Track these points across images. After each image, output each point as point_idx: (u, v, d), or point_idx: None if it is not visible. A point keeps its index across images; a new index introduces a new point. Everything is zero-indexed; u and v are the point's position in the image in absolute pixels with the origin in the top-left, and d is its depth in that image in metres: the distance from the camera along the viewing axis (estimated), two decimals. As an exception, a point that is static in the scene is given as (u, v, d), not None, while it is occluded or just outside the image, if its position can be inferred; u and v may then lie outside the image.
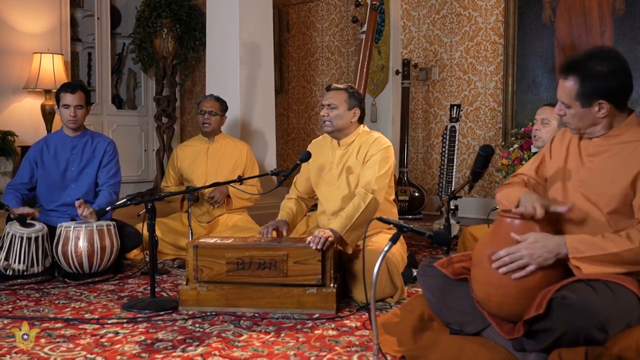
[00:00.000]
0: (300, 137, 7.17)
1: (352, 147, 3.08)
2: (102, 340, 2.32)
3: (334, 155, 3.13)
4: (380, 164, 2.96)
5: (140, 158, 7.20)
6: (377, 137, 3.07)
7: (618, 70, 1.93)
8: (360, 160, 3.03)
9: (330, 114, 3.03)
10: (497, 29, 5.59)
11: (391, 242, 1.84)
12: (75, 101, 3.52)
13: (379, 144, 3.02)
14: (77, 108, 3.53)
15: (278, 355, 2.15)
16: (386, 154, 2.99)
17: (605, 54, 1.96)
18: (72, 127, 3.59)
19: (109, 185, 3.62)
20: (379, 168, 2.94)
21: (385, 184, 2.99)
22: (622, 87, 1.95)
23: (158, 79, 6.96)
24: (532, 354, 1.86)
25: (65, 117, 3.56)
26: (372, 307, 1.78)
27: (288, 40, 7.21)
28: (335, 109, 3.03)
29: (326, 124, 3.06)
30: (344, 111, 3.04)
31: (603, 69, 1.92)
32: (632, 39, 4.82)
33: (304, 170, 3.29)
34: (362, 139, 3.08)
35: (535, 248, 1.84)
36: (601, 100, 1.93)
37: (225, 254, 2.70)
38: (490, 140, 5.64)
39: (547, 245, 1.85)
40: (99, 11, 6.68)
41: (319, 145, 3.25)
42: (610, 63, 1.93)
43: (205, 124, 4.19)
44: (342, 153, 3.10)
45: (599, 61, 1.93)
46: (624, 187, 1.92)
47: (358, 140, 3.09)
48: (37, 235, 3.25)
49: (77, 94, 3.53)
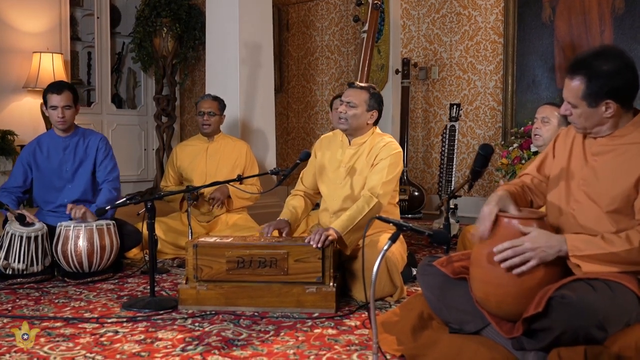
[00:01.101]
0: (300, 137, 7.17)
1: (363, 147, 3.05)
2: (102, 339, 2.32)
3: (344, 154, 3.09)
4: (389, 169, 2.93)
5: (140, 157, 7.20)
6: (388, 141, 3.03)
7: (625, 69, 1.91)
8: (369, 162, 3.00)
9: (348, 112, 2.98)
10: (497, 28, 5.58)
11: (390, 241, 1.84)
12: (62, 102, 3.44)
13: (390, 148, 2.98)
14: (64, 109, 3.45)
15: (277, 354, 2.15)
16: (395, 160, 2.97)
17: (612, 53, 1.95)
18: (61, 128, 3.53)
19: (108, 182, 3.60)
20: (386, 173, 2.92)
21: (391, 189, 2.97)
22: (629, 86, 1.93)
23: (158, 78, 6.96)
24: (531, 353, 1.86)
25: (54, 118, 3.48)
26: (372, 306, 1.78)
27: (288, 40, 7.21)
28: (354, 107, 2.99)
29: (341, 121, 3.01)
30: (363, 112, 3.00)
31: (610, 68, 1.90)
32: (632, 38, 4.82)
33: (311, 165, 3.24)
34: (373, 141, 3.05)
35: (539, 242, 1.84)
36: (608, 100, 1.92)
37: (225, 252, 2.70)
38: (489, 140, 5.64)
39: (549, 240, 1.86)
40: (99, 10, 6.68)
41: (328, 141, 3.21)
42: (617, 62, 1.91)
43: (204, 125, 4.19)
44: (352, 153, 3.07)
45: (605, 60, 1.91)
46: (626, 188, 1.91)
47: (370, 141, 3.05)
48: (36, 235, 3.25)
49: (63, 94, 3.44)
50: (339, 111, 3.00)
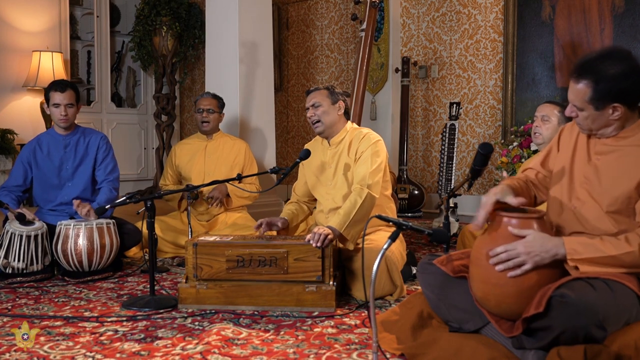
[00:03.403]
0: (300, 135, 7.17)
1: (343, 144, 3.10)
2: (102, 338, 2.32)
3: (326, 156, 3.15)
4: (372, 159, 2.97)
5: (139, 156, 7.19)
6: (366, 132, 3.09)
7: (632, 72, 1.88)
8: (352, 157, 3.05)
9: (317, 112, 3.07)
10: (497, 26, 5.58)
11: (390, 240, 1.84)
12: (65, 100, 3.48)
13: (369, 139, 3.04)
14: (67, 107, 3.49)
15: (277, 353, 2.15)
16: (376, 148, 3.01)
17: (618, 55, 1.91)
18: (63, 126, 3.55)
19: (108, 181, 3.60)
20: (371, 162, 2.96)
21: (380, 177, 2.99)
22: (636, 88, 1.90)
23: (157, 77, 6.95)
24: (531, 352, 1.86)
25: (56, 116, 3.51)
26: (372, 304, 1.78)
27: (287, 38, 7.20)
28: (319, 106, 3.07)
29: (316, 125, 3.09)
30: (329, 106, 3.07)
31: (616, 71, 1.87)
32: (632, 36, 4.82)
33: (301, 175, 3.31)
34: (351, 135, 3.11)
35: (533, 247, 1.83)
36: (615, 103, 1.89)
37: (225, 251, 2.70)
38: (489, 138, 5.64)
39: (544, 244, 1.84)
40: (99, 9, 6.67)
41: (312, 148, 3.24)
42: (624, 65, 1.88)
43: (204, 123, 4.19)
44: (333, 152, 3.12)
45: (612, 63, 1.88)
46: (628, 190, 1.90)
47: (348, 137, 3.11)
48: (36, 234, 3.25)
49: (67, 93, 3.48)
50: (309, 116, 3.10)
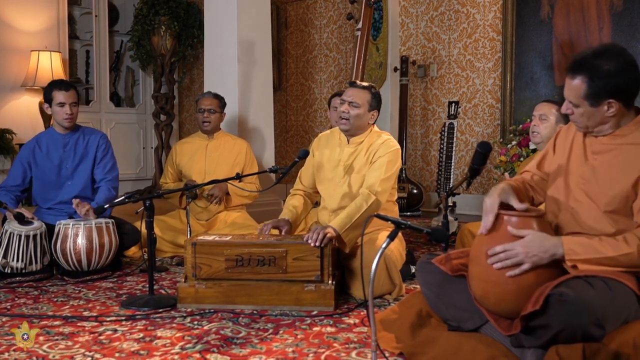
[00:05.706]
0: (299, 134, 7.17)
1: (362, 146, 3.04)
2: (101, 337, 2.32)
3: (342, 153, 3.08)
4: (387, 166, 2.92)
5: (138, 155, 7.19)
6: (386, 138, 3.03)
7: (627, 68, 1.88)
8: (368, 160, 2.99)
9: (351, 112, 2.95)
10: (495, 25, 5.58)
11: (389, 239, 1.84)
12: (70, 99, 3.48)
13: (388, 146, 2.98)
14: (72, 105, 3.49)
15: (276, 352, 2.15)
16: (394, 157, 2.96)
17: (613, 51, 1.92)
18: (67, 125, 3.55)
19: (107, 181, 3.60)
20: (385, 170, 2.91)
21: (389, 187, 2.96)
22: (631, 85, 1.91)
23: (156, 77, 6.95)
24: (529, 350, 1.86)
25: (60, 115, 3.50)
26: (371, 303, 1.78)
27: (286, 38, 7.20)
28: (357, 107, 2.96)
29: (343, 122, 2.98)
30: (365, 112, 2.98)
31: (611, 67, 1.87)
32: (630, 35, 4.82)
33: (310, 164, 3.22)
34: (371, 139, 3.04)
35: (532, 247, 1.84)
36: (610, 99, 1.90)
37: (224, 251, 2.70)
38: (488, 137, 5.64)
39: (543, 245, 1.84)
40: (97, 9, 6.67)
41: (326, 140, 3.20)
42: (619, 61, 1.88)
43: (205, 122, 4.18)
44: (350, 151, 3.05)
45: (607, 59, 1.88)
46: (625, 189, 1.90)
47: (368, 139, 3.04)
48: (35, 233, 3.25)
49: (71, 92, 3.49)
50: (342, 110, 2.96)
